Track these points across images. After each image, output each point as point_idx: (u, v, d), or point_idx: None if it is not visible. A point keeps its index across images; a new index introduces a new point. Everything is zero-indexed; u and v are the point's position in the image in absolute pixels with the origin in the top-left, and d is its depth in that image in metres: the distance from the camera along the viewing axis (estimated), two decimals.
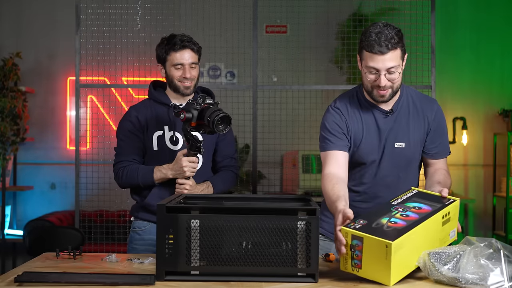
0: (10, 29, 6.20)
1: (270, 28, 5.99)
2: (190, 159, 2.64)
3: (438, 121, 2.50)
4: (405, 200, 2.18)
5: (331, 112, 2.49)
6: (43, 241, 4.06)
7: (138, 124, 2.76)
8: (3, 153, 5.55)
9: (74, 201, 4.54)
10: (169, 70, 2.76)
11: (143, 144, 2.78)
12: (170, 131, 2.77)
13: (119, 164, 2.78)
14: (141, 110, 2.80)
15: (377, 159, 2.46)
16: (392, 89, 2.37)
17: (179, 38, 2.74)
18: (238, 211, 2.00)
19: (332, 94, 5.74)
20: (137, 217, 2.84)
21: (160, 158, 2.75)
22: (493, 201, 6.13)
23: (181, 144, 2.78)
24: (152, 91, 2.85)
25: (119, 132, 2.81)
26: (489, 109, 6.26)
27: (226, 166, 2.91)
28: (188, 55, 2.74)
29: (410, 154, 2.48)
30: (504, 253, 1.93)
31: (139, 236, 2.82)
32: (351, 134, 2.46)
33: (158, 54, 2.80)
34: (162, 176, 2.70)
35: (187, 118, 2.55)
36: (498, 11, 6.27)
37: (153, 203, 2.73)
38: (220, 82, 6.05)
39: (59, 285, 1.92)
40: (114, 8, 4.77)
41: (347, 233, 1.97)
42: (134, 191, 2.83)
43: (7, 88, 5.67)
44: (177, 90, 2.78)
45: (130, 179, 2.75)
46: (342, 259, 2.01)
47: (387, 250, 1.90)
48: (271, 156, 5.13)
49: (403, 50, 2.35)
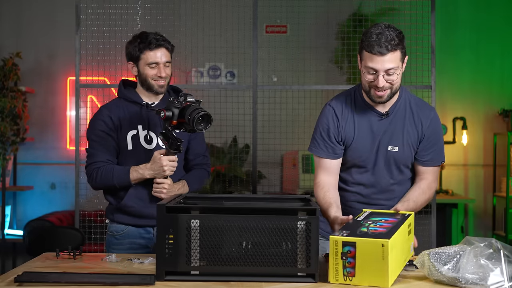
0: (10, 29, 6.20)
1: (270, 28, 5.99)
2: (170, 158, 2.61)
3: (432, 129, 2.48)
4: (367, 216, 2.20)
5: (325, 111, 2.52)
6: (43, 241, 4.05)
7: (112, 124, 2.71)
8: (3, 153, 5.55)
9: (74, 201, 4.54)
10: (142, 69, 2.72)
11: (117, 144, 2.72)
12: (144, 130, 2.73)
13: (92, 165, 2.70)
14: (113, 109, 2.74)
15: (370, 160, 2.46)
16: (390, 90, 2.36)
17: (153, 37, 2.70)
18: (238, 211, 2.00)
19: (332, 94, 5.70)
20: (113, 220, 2.77)
21: (135, 158, 2.71)
22: (493, 201, 6.13)
23: (155, 143, 2.74)
24: (123, 90, 2.79)
25: (91, 132, 2.73)
26: (489, 109, 6.26)
27: (199, 164, 2.89)
28: (163, 54, 2.71)
29: (403, 158, 2.47)
30: (504, 253, 1.93)
31: (117, 240, 2.75)
32: (343, 134, 2.47)
33: (130, 52, 2.74)
34: (139, 176, 2.65)
35: (167, 117, 2.52)
36: (498, 11, 6.27)
37: (130, 204, 2.69)
38: (220, 82, 6.05)
39: (59, 285, 1.92)
40: (114, 8, 4.77)
41: (337, 241, 1.94)
42: (109, 192, 2.76)
43: (7, 88, 5.67)
44: (150, 89, 2.74)
45: (105, 180, 2.67)
46: (332, 271, 1.96)
47: (383, 249, 1.90)
48: (271, 156, 5.13)
49: (403, 52, 2.35)
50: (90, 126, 2.76)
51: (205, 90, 5.45)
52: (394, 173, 2.48)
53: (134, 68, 2.76)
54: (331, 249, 1.95)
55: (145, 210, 2.69)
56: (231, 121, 4.99)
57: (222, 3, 5.20)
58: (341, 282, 1.95)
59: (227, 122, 4.99)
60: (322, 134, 2.49)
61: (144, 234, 2.74)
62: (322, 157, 2.49)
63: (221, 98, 5.03)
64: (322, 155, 2.49)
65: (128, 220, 2.73)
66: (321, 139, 2.49)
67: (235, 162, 5.72)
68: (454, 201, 5.87)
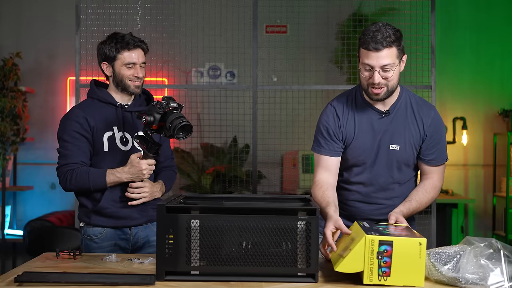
0: (10, 29, 6.20)
1: (270, 28, 5.99)
2: (149, 161, 2.59)
3: (434, 126, 2.49)
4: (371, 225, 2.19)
5: (326, 111, 2.54)
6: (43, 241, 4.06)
7: (87, 125, 2.66)
8: (3, 153, 5.55)
9: (74, 201, 4.54)
10: (119, 69, 2.70)
11: (91, 146, 2.68)
12: (119, 131, 2.71)
13: (66, 167, 2.64)
14: (88, 110, 2.70)
15: (371, 159, 2.47)
16: (387, 88, 2.37)
17: (130, 37, 2.70)
18: (238, 211, 2.00)
19: (332, 94, 5.73)
20: (89, 223, 2.70)
21: (111, 159, 2.68)
22: (493, 201, 6.13)
23: (131, 144, 2.72)
24: (96, 91, 2.76)
25: (64, 133, 2.67)
26: (489, 109, 6.25)
27: (168, 166, 2.88)
28: (139, 54, 2.71)
29: (405, 157, 2.48)
30: (504, 253, 1.93)
31: (96, 244, 2.69)
32: (343, 133, 2.49)
33: (105, 52, 2.71)
34: (116, 179, 2.61)
35: (149, 122, 2.50)
36: (498, 11, 6.27)
37: (107, 206, 2.66)
38: (220, 82, 6.05)
39: (59, 285, 1.92)
40: (114, 8, 4.77)
41: (373, 240, 1.94)
42: (82, 194, 2.71)
43: (7, 88, 5.67)
44: (126, 89, 2.72)
45: (80, 183, 2.62)
46: (367, 271, 1.94)
47: (420, 248, 1.92)
48: (271, 156, 5.14)
49: (400, 50, 2.36)
50: (63, 126, 2.69)
51: (205, 90, 5.45)
52: (395, 172, 2.48)
53: (108, 69, 2.73)
54: (366, 249, 1.94)
55: (122, 211, 2.68)
56: (231, 121, 4.99)
57: (222, 3, 5.20)
58: (375, 283, 1.94)
59: (227, 122, 4.99)
60: (322, 132, 2.50)
61: (121, 235, 2.72)
62: (321, 154, 2.50)
63: (221, 98, 5.03)
64: (321, 152, 2.50)
65: (105, 222, 2.68)
66: (321, 137, 2.51)
67: (235, 162, 5.72)
68: (454, 201, 5.87)
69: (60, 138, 2.69)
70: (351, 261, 1.95)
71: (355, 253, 1.94)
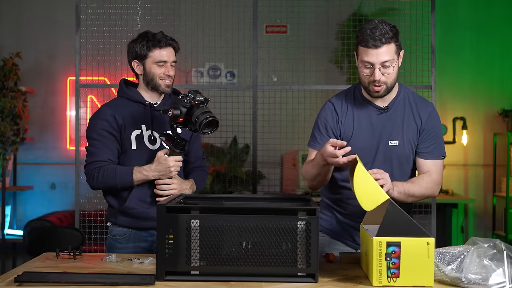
0: (10, 29, 6.20)
1: (270, 28, 5.99)
2: (176, 158, 2.58)
3: (431, 122, 2.49)
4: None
5: (325, 107, 2.57)
6: (43, 241, 4.05)
7: (115, 124, 2.65)
8: (3, 153, 5.55)
9: (74, 201, 4.54)
10: (149, 67, 2.68)
11: (119, 144, 2.67)
12: (147, 130, 2.70)
13: (93, 164, 2.64)
14: (116, 108, 2.69)
15: (369, 155, 2.47)
16: (386, 85, 2.39)
17: (162, 36, 2.69)
18: (238, 211, 1.99)
19: (332, 94, 5.68)
20: (115, 223, 2.71)
21: (139, 158, 2.67)
22: (493, 201, 6.13)
23: (158, 143, 2.71)
24: (125, 89, 2.75)
25: (92, 131, 2.67)
26: (489, 109, 6.25)
27: (199, 166, 2.87)
28: (171, 53, 2.70)
29: (403, 153, 2.49)
30: (507, 254, 1.92)
31: (121, 244, 2.69)
32: (341, 130, 2.50)
33: (136, 51, 2.69)
34: (143, 177, 2.60)
35: (175, 115, 2.49)
36: (498, 11, 6.27)
37: (133, 206, 2.65)
38: (220, 82, 6.05)
39: (59, 285, 1.92)
40: (114, 8, 4.76)
41: (380, 242, 1.93)
42: (110, 193, 2.71)
43: (7, 88, 5.67)
44: (156, 88, 2.71)
45: (107, 180, 2.61)
46: (376, 273, 1.94)
47: (428, 247, 1.91)
48: (271, 156, 5.13)
49: (398, 45, 2.38)
50: (92, 124, 2.70)
51: (205, 90, 5.45)
52: (394, 169, 2.48)
53: (139, 67, 2.72)
54: (374, 251, 1.93)
55: (148, 212, 2.65)
56: (231, 121, 4.99)
57: (222, 3, 5.20)
58: (384, 285, 1.93)
59: (227, 122, 4.99)
60: (320, 127, 2.52)
61: (147, 237, 2.70)
62: (316, 149, 2.48)
63: (221, 98, 5.03)
64: (316, 147, 2.49)
65: (131, 223, 2.67)
66: (318, 132, 2.52)
67: (235, 162, 5.72)
68: (454, 201, 5.87)
69: (89, 137, 2.69)
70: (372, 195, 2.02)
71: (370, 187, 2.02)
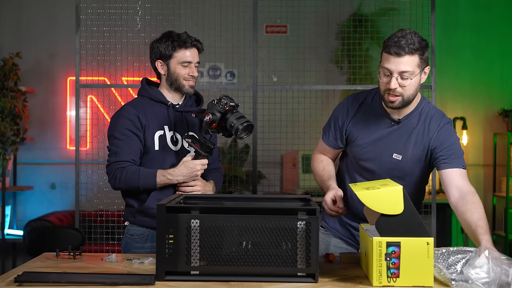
0: (10, 29, 6.20)
1: (270, 28, 5.99)
2: (202, 161, 2.57)
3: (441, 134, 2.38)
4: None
5: (342, 102, 2.57)
6: (43, 241, 4.05)
7: (138, 123, 2.60)
8: (3, 153, 5.55)
9: (74, 201, 4.54)
10: (174, 68, 2.66)
11: (142, 144, 2.63)
12: (170, 131, 2.66)
13: (116, 164, 2.58)
14: (140, 108, 2.64)
15: (373, 162, 2.45)
16: (402, 97, 2.30)
17: (187, 36, 2.66)
18: (238, 211, 1.99)
19: (332, 94, 5.75)
20: (134, 223, 2.68)
21: (161, 159, 2.64)
22: (493, 201, 6.13)
23: (180, 144, 2.68)
24: (148, 89, 2.72)
25: (115, 130, 2.61)
26: (489, 109, 6.26)
27: (216, 168, 2.86)
28: (195, 53, 2.68)
29: (406, 168, 2.42)
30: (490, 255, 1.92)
31: (139, 244, 2.66)
32: (347, 131, 2.50)
33: (160, 51, 2.67)
34: (166, 181, 2.57)
35: (213, 120, 2.49)
36: (498, 11, 6.27)
37: (153, 206, 2.60)
38: (220, 82, 6.05)
39: (59, 285, 1.92)
40: (114, 8, 4.76)
41: (380, 242, 1.94)
42: (129, 194, 2.67)
43: (7, 88, 5.68)
44: (180, 89, 2.68)
45: (130, 182, 2.57)
46: (376, 274, 1.94)
47: (428, 247, 1.92)
48: (271, 156, 5.13)
49: (423, 60, 2.28)
50: (114, 123, 2.63)
51: (205, 90, 5.44)
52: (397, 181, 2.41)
53: (163, 67, 2.69)
54: (374, 251, 1.93)
55: None
56: None
57: (222, 3, 5.20)
58: (384, 285, 1.93)
59: None
60: (331, 122, 2.56)
61: None
62: (323, 140, 2.59)
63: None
64: (324, 140, 2.58)
65: (150, 223, 2.62)
66: (328, 126, 2.57)
67: (235, 162, 5.72)
68: None
69: (111, 136, 2.63)
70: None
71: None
